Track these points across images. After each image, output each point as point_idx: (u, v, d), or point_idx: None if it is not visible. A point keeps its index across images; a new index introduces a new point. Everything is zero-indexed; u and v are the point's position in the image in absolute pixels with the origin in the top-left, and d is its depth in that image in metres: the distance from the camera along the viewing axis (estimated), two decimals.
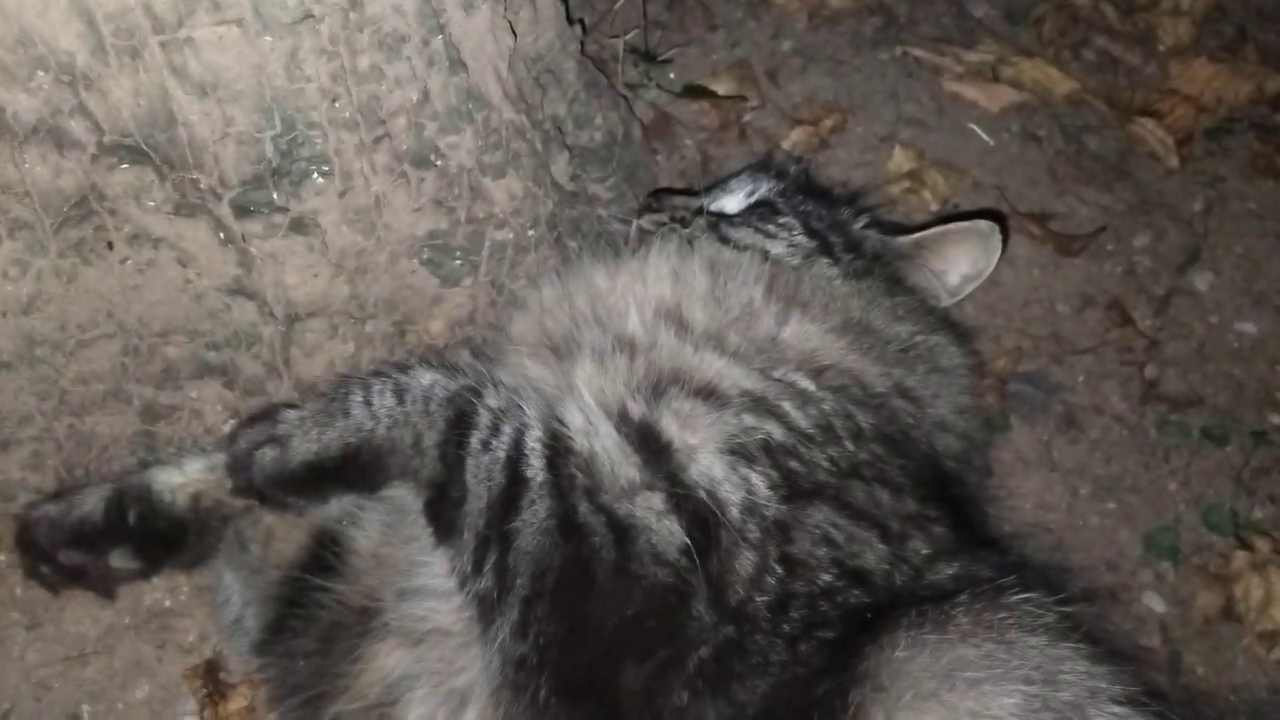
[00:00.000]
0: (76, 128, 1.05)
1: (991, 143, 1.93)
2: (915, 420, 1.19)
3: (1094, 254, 1.82)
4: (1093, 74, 2.09)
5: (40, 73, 1.01)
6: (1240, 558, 1.51)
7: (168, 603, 1.33)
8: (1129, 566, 1.51)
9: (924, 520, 1.08)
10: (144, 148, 1.07)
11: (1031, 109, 2.00)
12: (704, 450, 1.04)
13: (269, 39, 1.02)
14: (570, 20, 1.50)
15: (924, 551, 1.05)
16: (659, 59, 1.88)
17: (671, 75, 1.90)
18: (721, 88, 1.89)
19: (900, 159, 1.85)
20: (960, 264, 1.33)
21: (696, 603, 0.96)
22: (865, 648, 0.93)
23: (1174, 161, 1.95)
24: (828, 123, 1.89)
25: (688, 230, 1.35)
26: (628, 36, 1.81)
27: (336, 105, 1.10)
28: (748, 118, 1.89)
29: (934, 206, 1.81)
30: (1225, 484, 1.61)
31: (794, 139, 1.87)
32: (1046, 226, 1.81)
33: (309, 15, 1.03)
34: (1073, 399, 1.65)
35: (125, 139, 1.07)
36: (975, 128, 1.94)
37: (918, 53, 2.03)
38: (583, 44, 1.58)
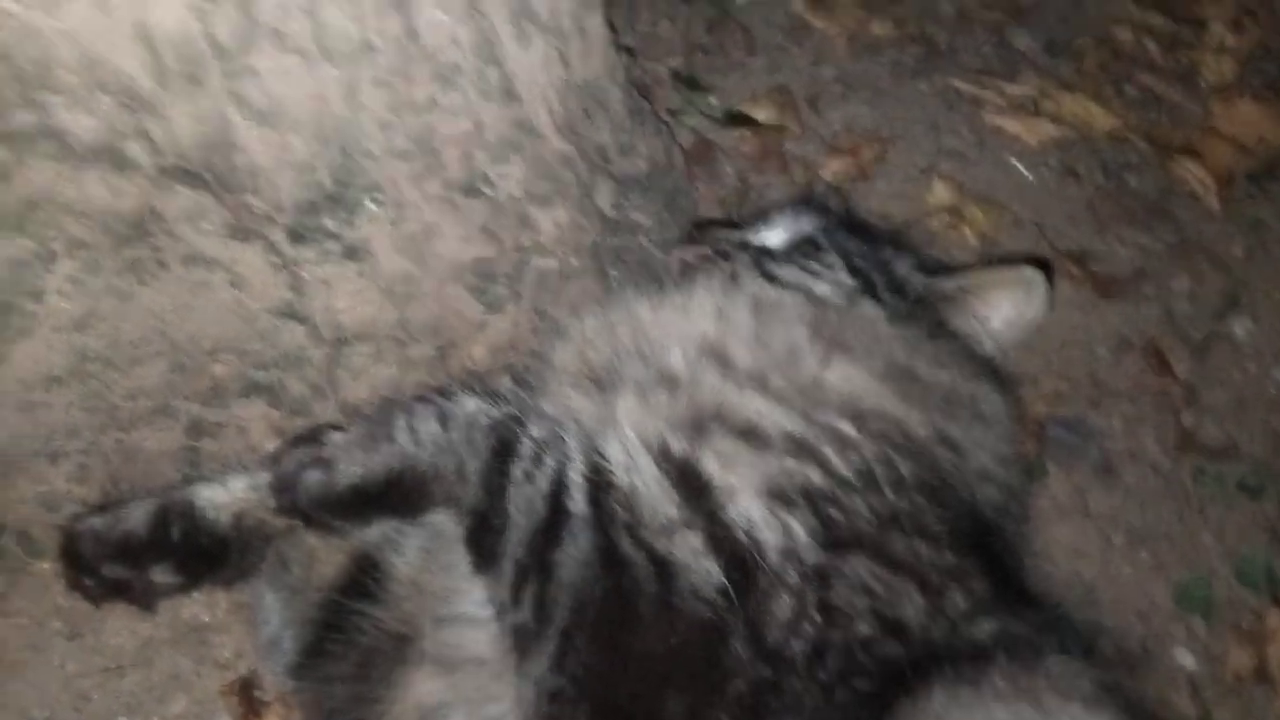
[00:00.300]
0: (136, 150, 1.06)
1: (1031, 178, 1.93)
2: (956, 469, 1.18)
3: (1132, 296, 1.81)
4: (1134, 110, 2.08)
5: (102, 96, 1.02)
6: (1274, 615, 1.50)
7: (205, 618, 1.34)
8: (1160, 619, 1.51)
9: (963, 574, 1.07)
10: (202, 172, 1.08)
11: (1072, 144, 1.99)
12: (743, 491, 1.04)
13: (329, 69, 1.03)
14: (618, 47, 1.51)
15: (962, 606, 1.04)
16: (701, 84, 1.88)
17: (713, 100, 1.90)
18: (762, 114, 1.89)
19: (940, 192, 1.85)
20: (1005, 310, 1.32)
21: (735, 640, 0.96)
22: (899, 700, 0.93)
23: (1215, 203, 1.94)
24: (867, 153, 1.89)
25: (730, 264, 1.35)
26: (671, 63, 1.81)
27: (391, 135, 1.11)
28: (788, 145, 1.89)
29: (973, 242, 1.81)
30: (1260, 537, 1.61)
31: (833, 168, 1.87)
32: (1086, 266, 1.80)
33: (368, 47, 1.04)
34: (1109, 445, 1.65)
35: (184, 163, 1.08)
36: (1015, 162, 1.94)
37: (959, 84, 2.03)
38: (628, 70, 1.58)
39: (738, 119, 1.86)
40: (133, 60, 0.98)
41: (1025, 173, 1.93)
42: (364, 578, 1.22)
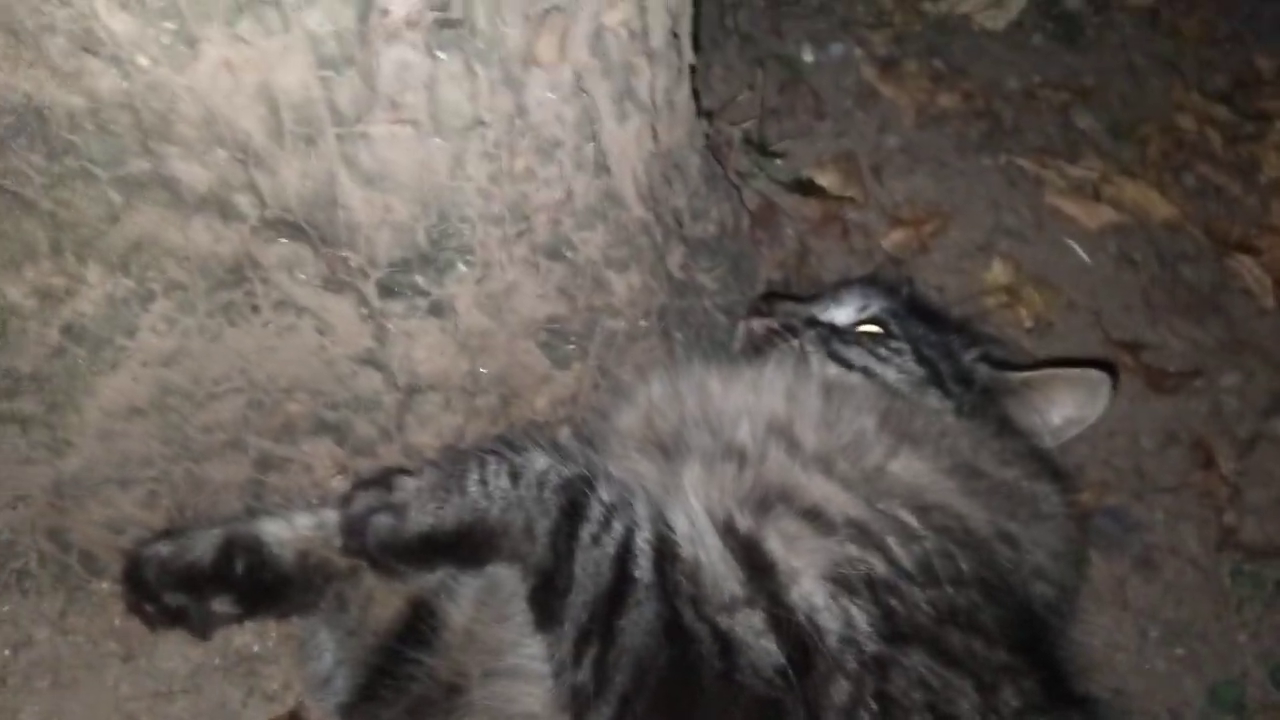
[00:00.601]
0: (243, 202, 1.09)
1: (1089, 262, 1.95)
2: (1013, 565, 1.20)
3: (1182, 390, 1.83)
4: (1193, 200, 2.10)
5: (218, 149, 1.05)
6: None
7: (256, 647, 1.36)
8: (1192, 717, 1.51)
9: (1015, 672, 1.09)
10: (303, 225, 1.11)
11: (1129, 230, 2.01)
12: (806, 575, 1.06)
13: (439, 140, 1.06)
14: (698, 113, 1.54)
15: (1014, 704, 1.06)
16: (770, 149, 1.91)
17: (780, 164, 1.93)
18: (827, 180, 1.92)
19: (998, 270, 1.87)
20: (1067, 409, 1.34)
21: (793, 716, 0.98)
22: None
23: (1269, 301, 1.96)
24: (928, 226, 1.91)
25: (799, 341, 1.38)
26: (744, 125, 1.84)
27: (489, 202, 1.14)
28: (850, 213, 1.91)
29: (1028, 323, 1.83)
30: None
31: (894, 239, 1.89)
32: (1138, 357, 1.82)
33: (480, 122, 1.07)
34: (1151, 538, 1.66)
35: (287, 215, 1.11)
36: (1074, 245, 1.96)
37: (1022, 162, 2.05)
38: (705, 134, 1.61)
39: (803, 185, 1.89)
40: (252, 118, 1.01)
41: (1083, 256, 1.95)
42: (419, 624, 1.24)
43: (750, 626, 1.02)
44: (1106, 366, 1.34)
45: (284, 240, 1.12)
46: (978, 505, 1.20)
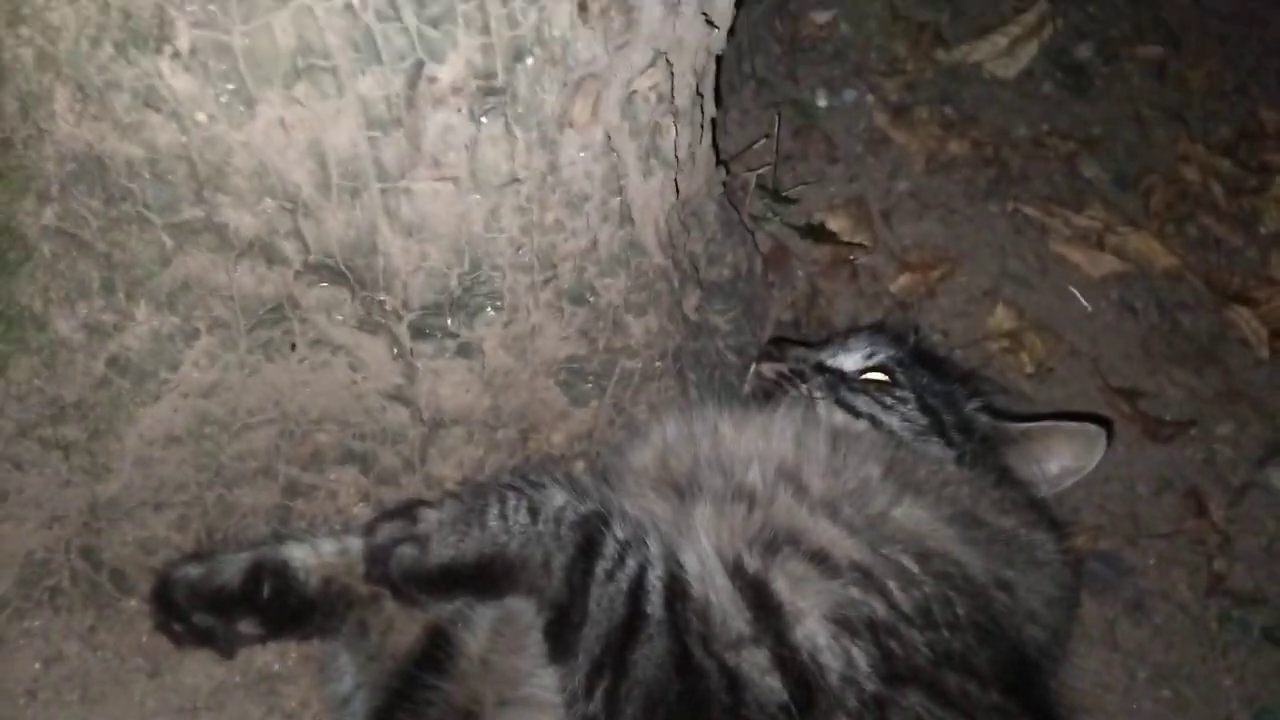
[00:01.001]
0: (287, 247, 1.16)
1: (1090, 309, 2.00)
2: (1008, 611, 1.25)
3: (1178, 439, 1.88)
4: (1194, 251, 2.16)
5: (267, 199, 1.12)
6: None
7: (276, 666, 1.41)
8: None
9: (1006, 713, 1.14)
10: (343, 269, 1.18)
11: (1131, 279, 2.07)
12: (811, 616, 1.11)
13: (476, 196, 1.13)
14: (717, 162, 1.60)
15: None
16: (783, 194, 1.97)
17: (791, 207, 1.99)
18: (838, 224, 1.98)
19: (1001, 316, 1.93)
20: (1064, 459, 1.40)
21: None
22: None
23: (1265, 353, 2.01)
24: (935, 271, 1.97)
25: (808, 387, 1.43)
26: (759, 171, 1.90)
27: (520, 252, 1.20)
28: (859, 257, 1.97)
29: (1029, 369, 1.88)
30: (1277, 684, 1.65)
31: (901, 283, 1.95)
32: (1135, 405, 1.88)
33: (515, 179, 1.13)
34: (1142, 583, 1.71)
35: (328, 260, 1.17)
36: (1076, 292, 2.02)
37: (1028, 210, 2.11)
38: (724, 182, 1.67)
39: (815, 229, 1.95)
40: (301, 172, 1.08)
41: (1085, 304, 2.00)
42: (437, 651, 1.29)
43: (756, 664, 1.08)
44: (1102, 420, 1.39)
45: (324, 284, 1.19)
46: (976, 553, 1.26)
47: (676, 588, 1.14)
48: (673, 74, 1.22)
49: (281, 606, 1.30)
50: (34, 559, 1.35)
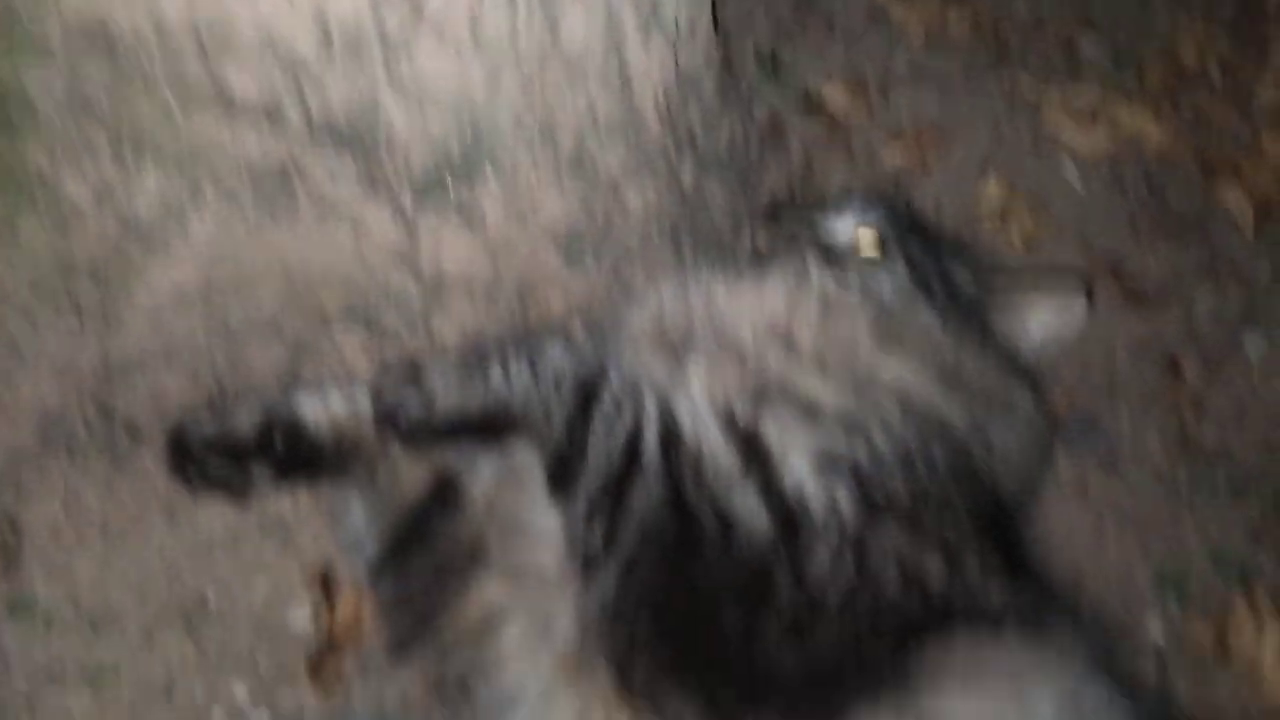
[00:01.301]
0: (291, 111, 1.18)
1: (1079, 186, 2.03)
2: (984, 462, 1.33)
3: (1157, 307, 1.94)
4: (1186, 128, 2.16)
5: (272, 64, 1.14)
6: (1239, 603, 1.69)
7: (289, 512, 1.49)
8: (1138, 598, 1.68)
9: (980, 549, 1.22)
10: (346, 135, 1.20)
11: (1123, 156, 2.09)
12: (797, 459, 1.20)
13: (477, 60, 1.15)
14: (717, 33, 1.61)
15: (978, 574, 1.19)
16: (780, 64, 1.98)
17: (789, 79, 1.99)
18: (834, 97, 1.99)
19: (993, 191, 1.96)
20: (1047, 322, 1.45)
21: (781, 578, 1.13)
22: (920, 646, 1.09)
23: (1249, 226, 2.05)
24: (930, 146, 1.99)
25: (801, 251, 1.47)
26: (757, 42, 1.90)
27: (520, 120, 1.23)
28: (855, 130, 1.99)
29: (1018, 242, 1.92)
30: (1239, 536, 1.77)
31: (895, 157, 1.97)
32: (1119, 275, 1.92)
33: (515, 44, 1.15)
34: (1115, 441, 1.80)
35: (331, 125, 1.20)
36: (1067, 169, 2.04)
37: (1024, 86, 2.11)
38: (720, 52, 1.68)
39: (811, 102, 1.96)
40: (306, 38, 1.10)
41: (1076, 181, 2.03)
42: (443, 495, 1.36)
43: (745, 504, 1.17)
44: (1084, 282, 1.44)
45: (328, 149, 1.21)
46: (957, 407, 1.32)
47: (671, 437, 1.22)
48: None
49: (293, 455, 1.36)
50: (50, 412, 1.41)
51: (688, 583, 1.15)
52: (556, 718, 1.21)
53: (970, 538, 1.22)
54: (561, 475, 1.25)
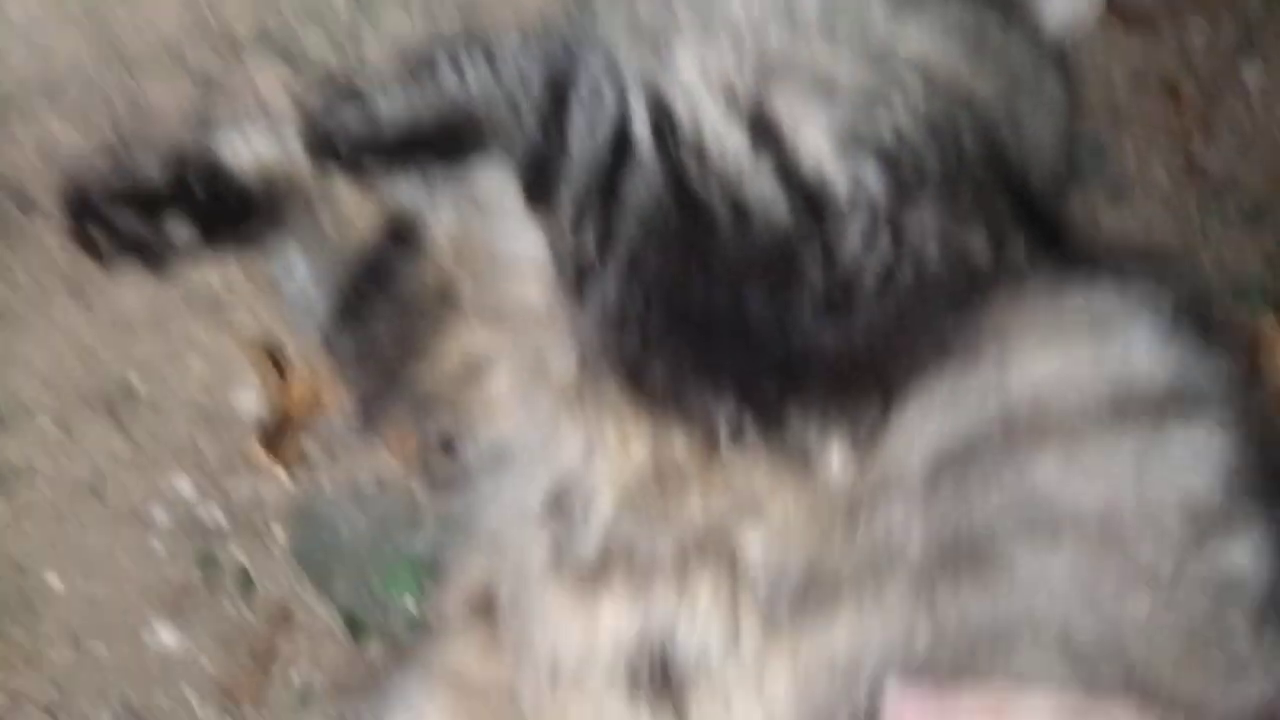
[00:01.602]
0: None
1: None
2: (1014, 144, 1.17)
3: (1151, 32, 1.82)
4: None
5: None
6: (1267, 325, 1.63)
7: (219, 286, 1.30)
8: None
9: (1016, 221, 1.08)
10: None
11: None
12: (813, 130, 1.02)
13: None
14: None
15: (1024, 249, 1.06)
16: None
17: None
18: None
19: None
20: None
21: (809, 258, 0.97)
22: (988, 305, 0.97)
23: None
24: None
25: None
26: None
27: None
28: None
29: None
30: (1256, 261, 1.69)
31: None
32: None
33: None
34: (1121, 171, 1.69)
35: None
36: None
37: None
38: None
39: None
40: None
41: None
42: (403, 231, 1.17)
43: (759, 187, 0.99)
44: None
45: None
46: (984, 79, 1.15)
47: (664, 120, 1.02)
48: None
49: (216, 204, 1.15)
50: None
51: (703, 271, 0.98)
52: (563, 456, 1.05)
53: (1009, 214, 1.08)
54: (540, 182, 1.05)
